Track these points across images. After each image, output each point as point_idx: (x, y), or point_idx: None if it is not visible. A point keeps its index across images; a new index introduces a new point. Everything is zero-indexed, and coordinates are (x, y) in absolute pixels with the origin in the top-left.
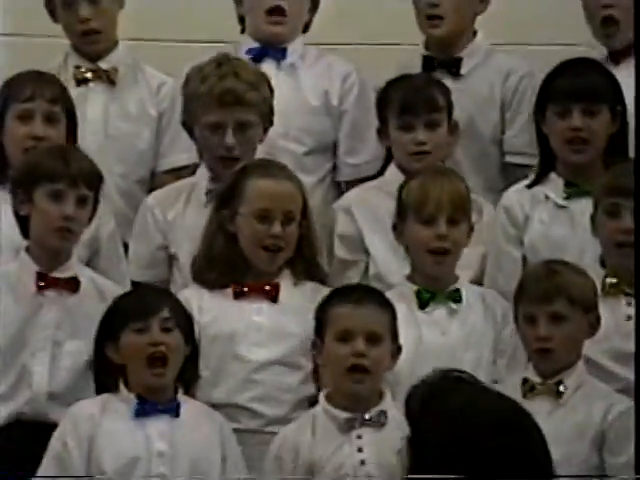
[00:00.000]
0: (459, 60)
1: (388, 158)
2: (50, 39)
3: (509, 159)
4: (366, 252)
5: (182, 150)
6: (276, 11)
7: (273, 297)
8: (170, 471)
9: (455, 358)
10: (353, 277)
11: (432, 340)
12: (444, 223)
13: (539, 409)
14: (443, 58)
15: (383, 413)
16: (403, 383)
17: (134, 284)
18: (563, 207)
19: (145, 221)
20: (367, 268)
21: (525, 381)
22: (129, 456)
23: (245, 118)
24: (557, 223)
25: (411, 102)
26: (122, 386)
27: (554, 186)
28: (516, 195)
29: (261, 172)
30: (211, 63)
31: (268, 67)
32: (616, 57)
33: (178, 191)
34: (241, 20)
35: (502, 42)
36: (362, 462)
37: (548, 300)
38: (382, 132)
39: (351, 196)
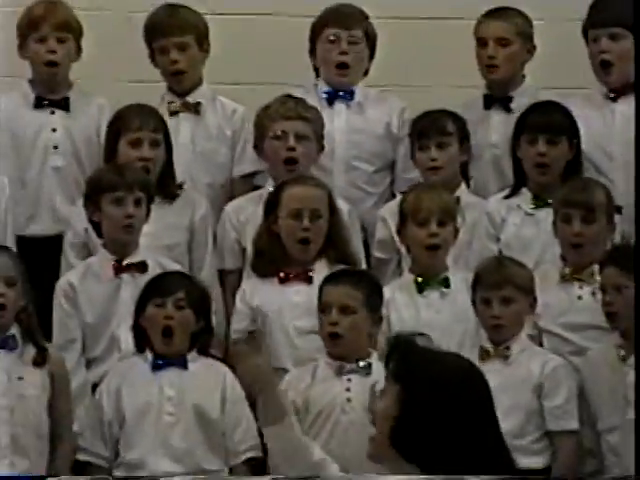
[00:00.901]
0: (511, 98)
1: None
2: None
3: None
4: (397, 251)
5: (249, 160)
6: (342, 66)
7: (309, 280)
8: (177, 411)
9: (447, 331)
10: (386, 271)
11: (428, 317)
12: (435, 224)
13: (492, 368)
14: (499, 96)
15: (369, 365)
16: None
17: (219, 272)
18: (531, 215)
19: (224, 222)
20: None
21: (481, 348)
22: (144, 401)
23: (303, 131)
24: (526, 227)
25: (425, 128)
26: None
27: (525, 198)
28: (496, 203)
29: (293, 182)
30: (278, 98)
31: (340, 106)
32: (614, 94)
33: (249, 199)
34: (315, 69)
35: (548, 85)
36: (348, 399)
37: (499, 287)
38: (412, 153)
39: (387, 207)
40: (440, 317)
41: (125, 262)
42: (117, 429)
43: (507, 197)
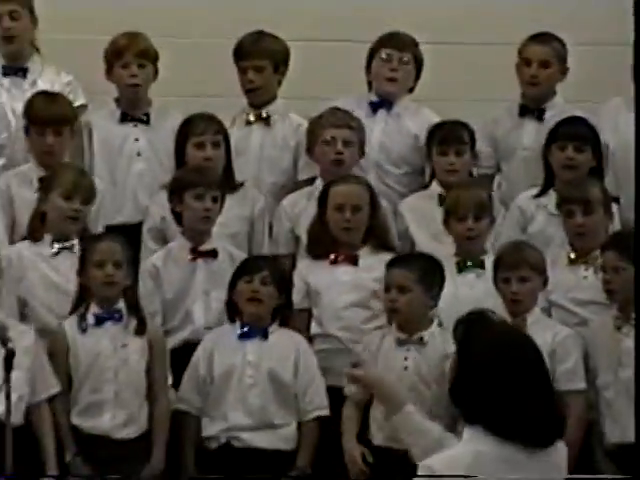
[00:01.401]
0: (544, 110)
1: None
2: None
3: None
4: (412, 241)
5: (309, 167)
6: (391, 80)
7: (355, 262)
8: (255, 375)
9: (479, 304)
10: None
11: (464, 293)
12: (471, 220)
13: None
14: (533, 108)
15: (423, 337)
16: (447, 320)
17: (274, 256)
18: (555, 215)
19: (280, 214)
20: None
21: None
22: (230, 364)
23: (349, 137)
24: (550, 226)
25: (445, 137)
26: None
27: (551, 199)
28: (526, 200)
29: (339, 181)
30: (328, 109)
31: (381, 115)
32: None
33: (302, 195)
34: (369, 83)
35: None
36: (405, 368)
37: (517, 267)
38: (429, 157)
39: (404, 202)
40: (474, 293)
41: (200, 249)
42: (209, 385)
43: (536, 196)
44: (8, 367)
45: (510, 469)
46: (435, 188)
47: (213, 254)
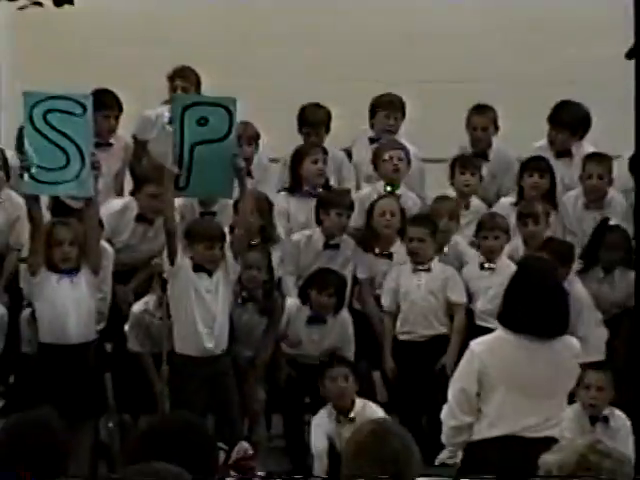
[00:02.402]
0: (487, 154)
1: None
2: None
3: None
4: None
5: None
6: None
7: (390, 255)
8: (319, 349)
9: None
10: None
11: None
12: None
13: (485, 274)
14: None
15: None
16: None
17: None
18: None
19: None
20: None
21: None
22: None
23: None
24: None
25: (464, 160)
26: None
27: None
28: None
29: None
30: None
31: None
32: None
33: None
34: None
35: None
36: (418, 286)
37: (492, 229)
38: (452, 176)
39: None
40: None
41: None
42: None
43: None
44: None
45: (524, 351)
46: None
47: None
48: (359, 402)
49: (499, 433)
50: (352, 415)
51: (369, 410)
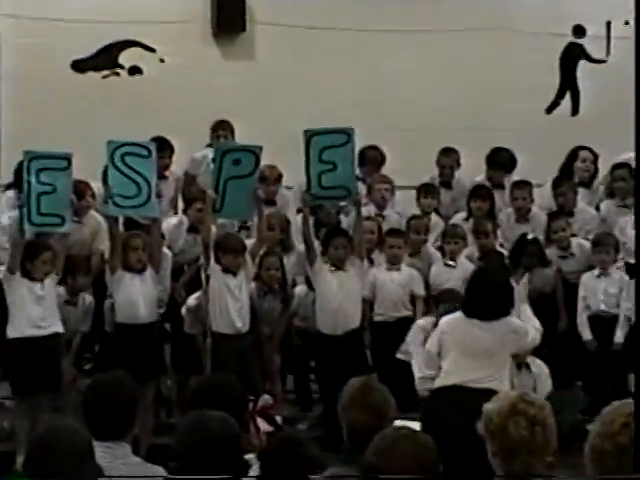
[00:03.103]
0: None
1: None
2: None
3: None
4: None
5: None
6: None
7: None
8: None
9: None
10: None
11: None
12: None
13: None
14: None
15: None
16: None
17: None
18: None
19: None
20: None
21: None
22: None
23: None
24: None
25: (426, 189)
26: None
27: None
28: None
29: None
30: None
31: None
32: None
33: None
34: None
35: None
36: (391, 280)
37: (453, 237)
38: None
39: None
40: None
41: None
42: None
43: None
44: None
45: (472, 328)
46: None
47: None
48: None
49: (451, 382)
50: None
51: None
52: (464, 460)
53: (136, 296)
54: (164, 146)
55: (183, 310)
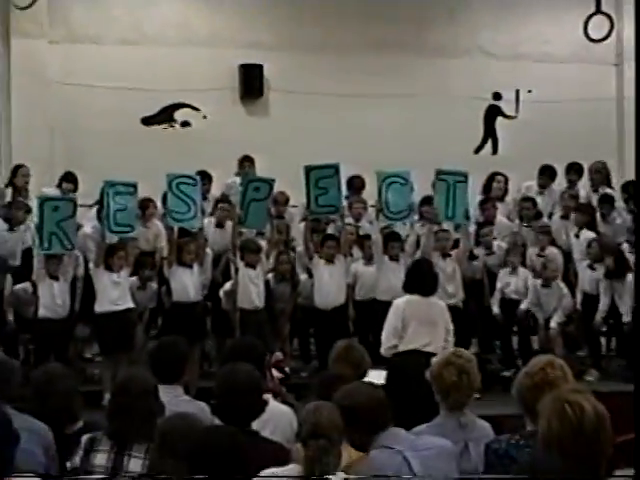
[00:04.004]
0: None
1: None
2: None
3: None
4: None
5: None
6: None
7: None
8: None
9: None
10: None
11: None
12: None
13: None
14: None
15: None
16: None
17: None
18: None
19: None
20: None
21: None
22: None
23: None
24: None
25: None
26: None
27: None
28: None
29: None
30: None
31: None
32: None
33: None
34: None
35: None
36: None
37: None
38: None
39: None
40: None
41: None
42: None
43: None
44: None
45: (419, 303)
46: None
47: None
48: None
49: (410, 348)
50: None
51: None
52: (419, 398)
53: (187, 283)
54: (206, 176)
55: (220, 292)
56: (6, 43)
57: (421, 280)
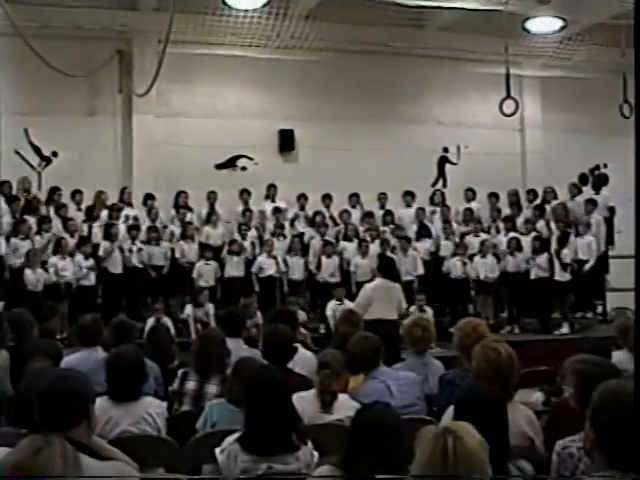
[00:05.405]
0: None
1: None
2: None
3: None
4: None
5: None
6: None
7: None
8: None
9: None
10: None
11: None
12: None
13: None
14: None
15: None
16: None
17: None
18: None
19: None
20: None
21: None
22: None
23: None
24: None
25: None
26: None
27: None
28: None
29: None
30: None
31: None
32: None
33: None
34: None
35: None
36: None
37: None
38: None
39: None
40: None
41: None
42: None
43: None
44: None
45: (383, 285)
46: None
47: None
48: None
49: (374, 317)
50: None
51: None
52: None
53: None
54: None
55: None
56: (129, 118)
57: (383, 268)
